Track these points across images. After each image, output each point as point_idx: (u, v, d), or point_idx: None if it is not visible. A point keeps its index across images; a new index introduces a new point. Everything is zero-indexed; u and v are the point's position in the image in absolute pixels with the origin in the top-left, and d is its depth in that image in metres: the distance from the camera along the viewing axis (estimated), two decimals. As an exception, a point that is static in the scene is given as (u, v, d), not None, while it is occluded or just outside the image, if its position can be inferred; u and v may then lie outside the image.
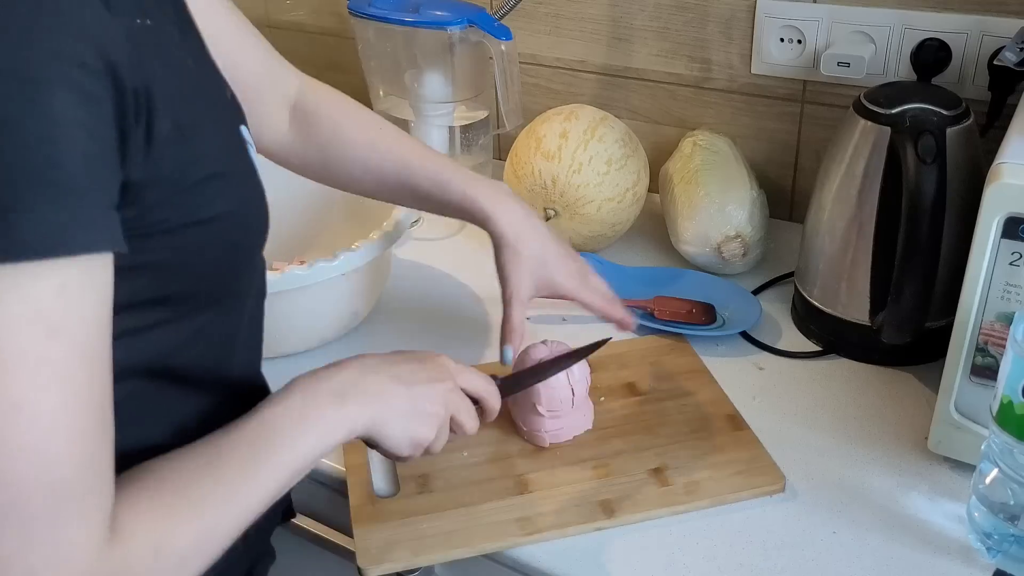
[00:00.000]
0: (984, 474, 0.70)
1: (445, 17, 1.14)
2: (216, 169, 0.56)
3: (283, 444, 0.58)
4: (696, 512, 0.76)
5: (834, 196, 0.91)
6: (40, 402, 0.45)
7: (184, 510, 0.53)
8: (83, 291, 0.46)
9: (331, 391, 0.62)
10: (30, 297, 0.44)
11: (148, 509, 0.51)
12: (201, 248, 0.56)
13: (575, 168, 1.05)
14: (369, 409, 0.63)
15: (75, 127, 0.44)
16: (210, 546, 0.54)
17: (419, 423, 0.66)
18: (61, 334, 0.45)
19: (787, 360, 0.95)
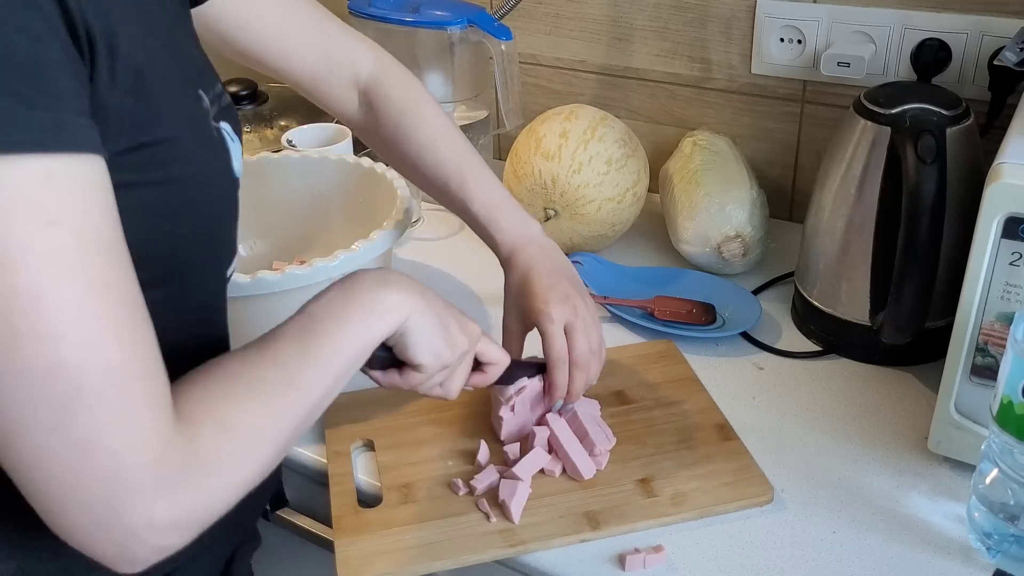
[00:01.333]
0: (984, 474, 0.70)
1: (445, 17, 1.14)
2: (171, 134, 0.55)
3: (334, 329, 0.59)
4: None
5: (834, 196, 0.91)
6: (61, 290, 0.45)
7: (247, 394, 0.54)
8: (74, 182, 0.46)
9: (372, 279, 0.63)
10: (16, 187, 0.44)
11: (211, 394, 0.53)
12: (154, 212, 0.55)
13: (575, 168, 1.05)
14: (408, 300, 0.64)
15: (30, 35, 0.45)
16: (278, 430, 0.55)
17: (445, 339, 0.67)
18: (62, 223, 0.45)
19: (787, 360, 0.95)
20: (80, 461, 0.46)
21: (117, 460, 0.47)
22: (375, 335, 0.62)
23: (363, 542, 0.74)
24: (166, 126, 0.55)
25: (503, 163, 1.16)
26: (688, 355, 0.95)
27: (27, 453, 0.46)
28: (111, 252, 0.48)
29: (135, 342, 0.48)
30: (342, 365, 0.59)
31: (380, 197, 1.03)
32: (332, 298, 0.62)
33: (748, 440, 0.83)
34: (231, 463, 0.52)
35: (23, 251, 0.44)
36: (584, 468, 0.78)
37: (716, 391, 0.89)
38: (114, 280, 0.48)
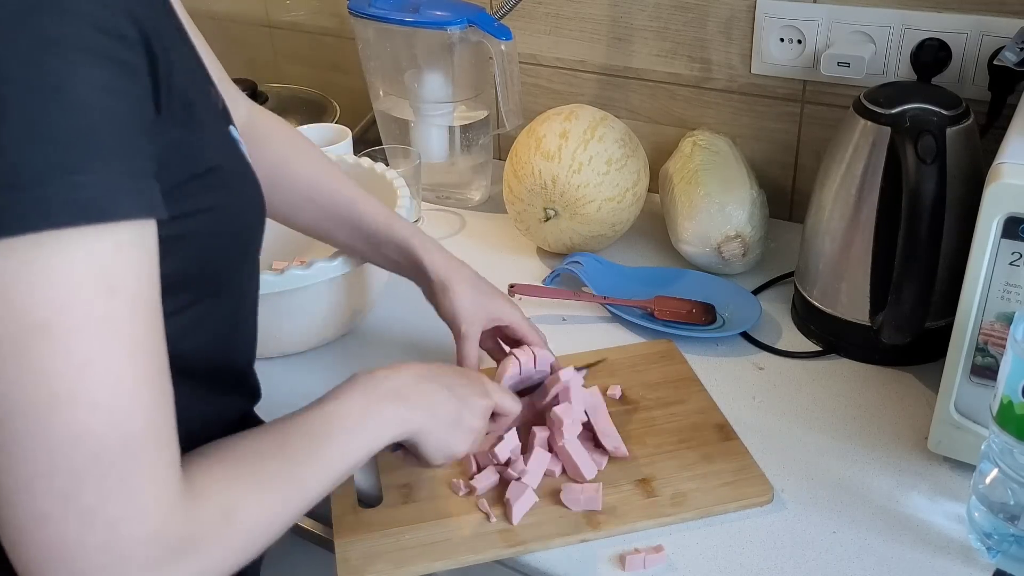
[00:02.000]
0: (984, 474, 0.70)
1: (445, 17, 1.14)
2: (216, 162, 0.57)
3: (344, 436, 0.61)
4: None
5: (834, 196, 0.91)
6: (108, 358, 0.46)
7: (254, 482, 0.55)
8: (136, 249, 0.47)
9: (391, 391, 0.66)
10: (94, 257, 0.45)
11: (221, 475, 0.53)
12: (198, 237, 0.56)
13: (575, 168, 1.05)
14: (422, 413, 0.67)
15: (117, 96, 0.46)
16: (275, 523, 0.56)
17: (460, 436, 0.70)
18: (120, 292, 0.46)
19: (787, 360, 0.95)
20: (79, 529, 0.46)
21: (115, 532, 0.46)
22: (383, 440, 0.65)
23: (363, 542, 0.74)
24: (210, 154, 0.57)
25: (503, 163, 1.16)
26: (688, 355, 0.95)
27: (29, 516, 0.45)
28: (153, 316, 0.49)
29: (158, 411, 0.49)
30: (346, 468, 0.62)
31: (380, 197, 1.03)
32: (352, 402, 0.63)
33: (748, 440, 0.83)
34: (223, 549, 0.52)
35: (86, 318, 0.45)
36: (585, 468, 0.78)
37: (716, 391, 0.89)
38: (151, 346, 0.49)
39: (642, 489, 0.77)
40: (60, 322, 0.44)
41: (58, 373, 0.44)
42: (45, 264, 0.44)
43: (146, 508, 0.47)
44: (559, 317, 1.03)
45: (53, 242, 0.44)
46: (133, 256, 0.47)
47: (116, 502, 0.46)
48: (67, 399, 0.45)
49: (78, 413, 0.45)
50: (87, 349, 0.45)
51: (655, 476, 0.79)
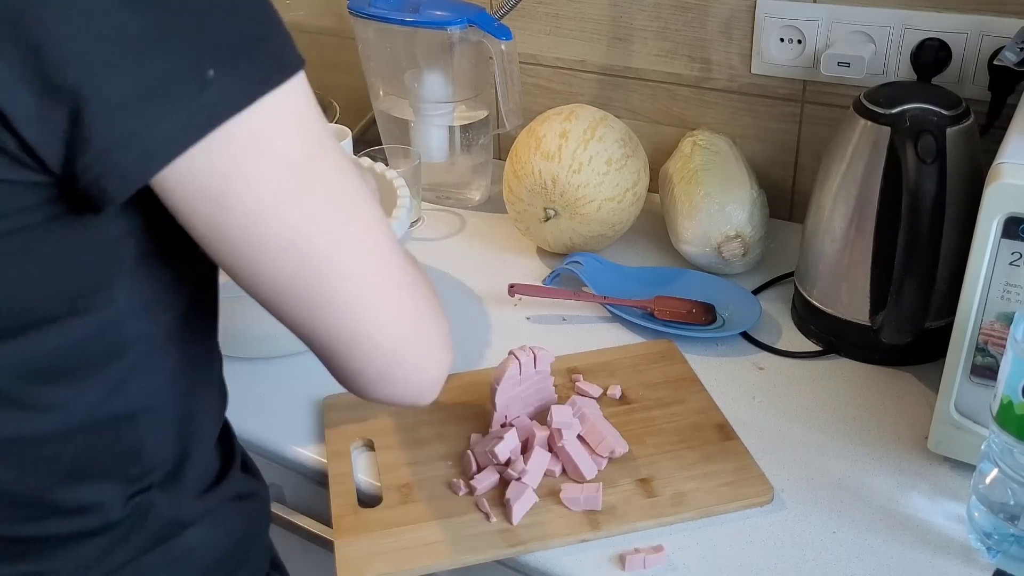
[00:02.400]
0: (984, 474, 0.70)
1: (445, 17, 1.14)
2: None
3: None
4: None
5: (834, 196, 0.91)
6: (354, 169, 0.53)
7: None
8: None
9: None
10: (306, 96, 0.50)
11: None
12: None
13: (575, 168, 1.05)
14: None
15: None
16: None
17: None
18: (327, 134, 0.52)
19: (787, 360, 0.95)
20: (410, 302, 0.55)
21: (426, 295, 0.56)
22: None
23: (363, 542, 0.74)
24: None
25: (503, 163, 1.16)
26: (688, 355, 0.95)
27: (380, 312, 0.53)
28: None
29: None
30: None
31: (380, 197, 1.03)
32: None
33: (748, 440, 0.83)
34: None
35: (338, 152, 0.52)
36: (585, 468, 0.78)
37: (716, 391, 0.89)
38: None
39: (642, 489, 0.77)
40: (319, 154, 0.50)
41: (336, 194, 0.51)
42: (290, 110, 0.48)
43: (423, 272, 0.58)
44: (559, 317, 1.03)
45: (292, 87, 0.48)
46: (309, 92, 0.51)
47: (412, 269, 0.56)
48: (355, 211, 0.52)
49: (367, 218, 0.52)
50: (341, 171, 0.51)
51: (655, 476, 0.79)
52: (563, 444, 0.79)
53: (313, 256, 0.49)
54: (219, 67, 0.44)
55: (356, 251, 0.51)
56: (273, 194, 0.47)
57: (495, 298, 1.06)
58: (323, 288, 0.50)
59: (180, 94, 0.44)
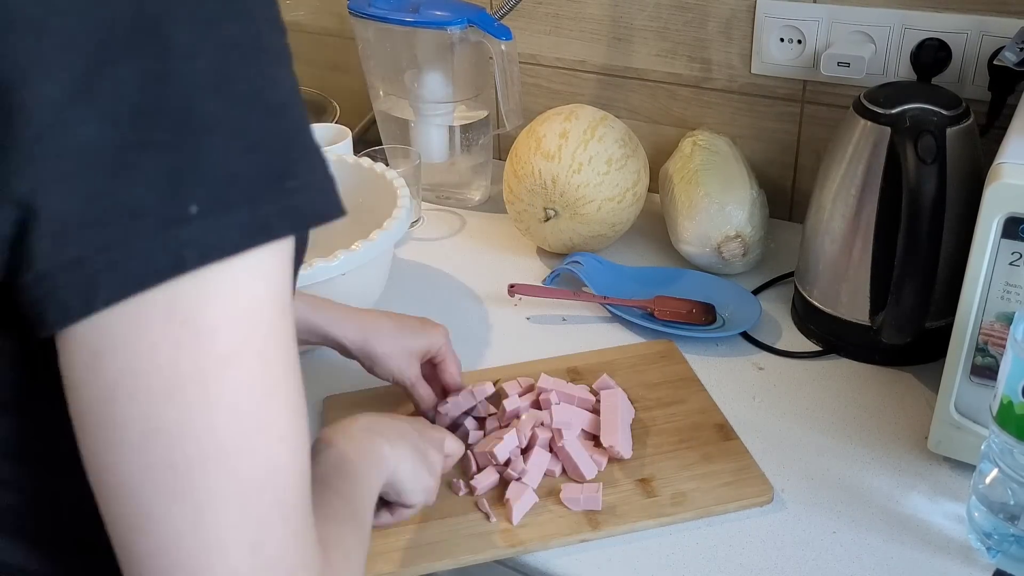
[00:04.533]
0: (984, 474, 0.70)
1: (445, 17, 1.14)
2: None
3: (361, 474, 0.59)
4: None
5: (834, 196, 0.91)
6: (288, 384, 0.42)
7: (348, 523, 0.53)
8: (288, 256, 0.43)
9: (364, 429, 0.64)
10: (275, 274, 0.41)
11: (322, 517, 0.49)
12: None
13: (575, 168, 1.05)
14: (395, 450, 0.64)
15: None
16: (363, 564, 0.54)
17: (428, 471, 0.67)
18: (288, 309, 0.42)
19: (787, 360, 0.95)
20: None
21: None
22: (380, 481, 0.62)
23: None
24: None
25: (503, 163, 1.16)
26: (688, 355, 0.95)
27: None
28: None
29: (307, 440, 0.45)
30: (371, 509, 0.59)
31: (380, 197, 1.03)
32: (342, 449, 0.60)
33: (748, 440, 0.83)
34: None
35: (269, 343, 0.41)
36: (585, 468, 0.78)
37: (716, 391, 0.89)
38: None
39: (642, 489, 0.77)
40: (247, 350, 0.39)
41: (244, 412, 0.40)
42: (232, 288, 0.39)
43: (313, 553, 0.43)
44: (559, 317, 1.03)
45: (274, 252, 0.39)
46: (288, 265, 0.41)
47: (295, 550, 0.42)
48: (258, 435, 0.40)
49: (270, 449, 0.40)
50: (269, 387, 0.41)
51: (655, 476, 0.79)
52: (563, 444, 0.79)
53: (171, 468, 0.39)
54: (205, 203, 0.37)
55: (232, 493, 0.39)
56: (166, 375, 0.38)
57: (495, 298, 1.06)
58: (166, 509, 0.39)
59: (146, 227, 0.36)
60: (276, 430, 0.41)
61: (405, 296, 1.08)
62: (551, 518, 0.75)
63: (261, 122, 0.39)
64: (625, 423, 0.83)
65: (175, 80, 0.37)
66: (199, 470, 0.39)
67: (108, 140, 0.36)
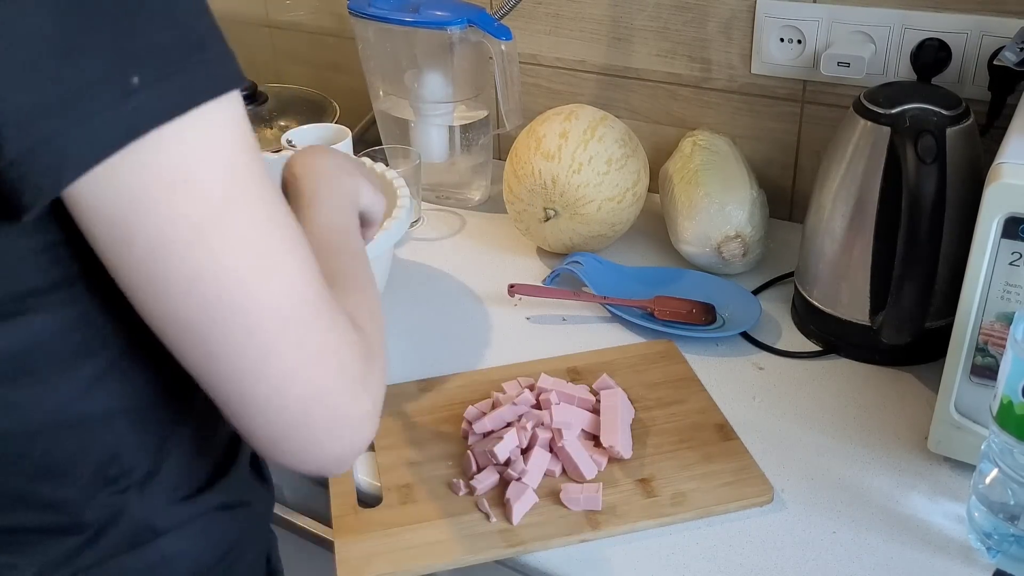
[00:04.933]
0: (984, 474, 0.70)
1: (445, 17, 1.14)
2: None
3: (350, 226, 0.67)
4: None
5: (834, 196, 0.91)
6: (284, 209, 0.49)
7: (357, 286, 0.61)
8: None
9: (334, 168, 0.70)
10: (241, 121, 0.47)
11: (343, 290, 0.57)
12: None
13: (575, 168, 1.05)
14: (357, 177, 0.71)
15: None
16: (379, 312, 0.62)
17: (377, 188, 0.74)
18: (256, 152, 0.48)
19: (787, 360, 0.95)
20: (318, 368, 0.49)
21: (340, 359, 0.50)
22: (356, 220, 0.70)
23: (363, 542, 0.74)
24: None
25: (503, 163, 1.16)
26: (688, 355, 0.95)
27: (271, 378, 0.48)
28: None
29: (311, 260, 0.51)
30: (363, 251, 0.67)
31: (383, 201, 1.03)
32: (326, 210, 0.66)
33: (748, 440, 0.83)
34: (381, 344, 0.57)
35: (255, 185, 0.47)
36: (585, 468, 0.78)
37: (716, 391, 0.89)
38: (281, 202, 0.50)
39: (642, 489, 0.77)
40: (238, 189, 0.46)
41: (253, 241, 0.46)
42: (202, 141, 0.44)
43: (346, 328, 0.51)
44: (559, 317, 1.03)
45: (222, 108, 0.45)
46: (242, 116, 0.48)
47: (333, 334, 0.50)
48: (274, 255, 0.47)
49: (286, 264, 0.48)
50: (275, 205, 0.48)
51: (655, 476, 0.79)
52: (563, 444, 0.79)
53: (217, 305, 0.46)
54: (145, 74, 0.42)
55: (268, 308, 0.47)
56: (182, 229, 0.44)
57: (495, 298, 1.06)
58: (223, 339, 0.47)
59: (98, 101, 0.41)
60: (286, 246, 0.48)
61: (405, 296, 1.08)
62: (551, 518, 0.75)
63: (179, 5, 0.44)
64: (625, 423, 0.83)
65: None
66: (240, 296, 0.46)
67: (52, 29, 0.40)
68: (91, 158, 0.41)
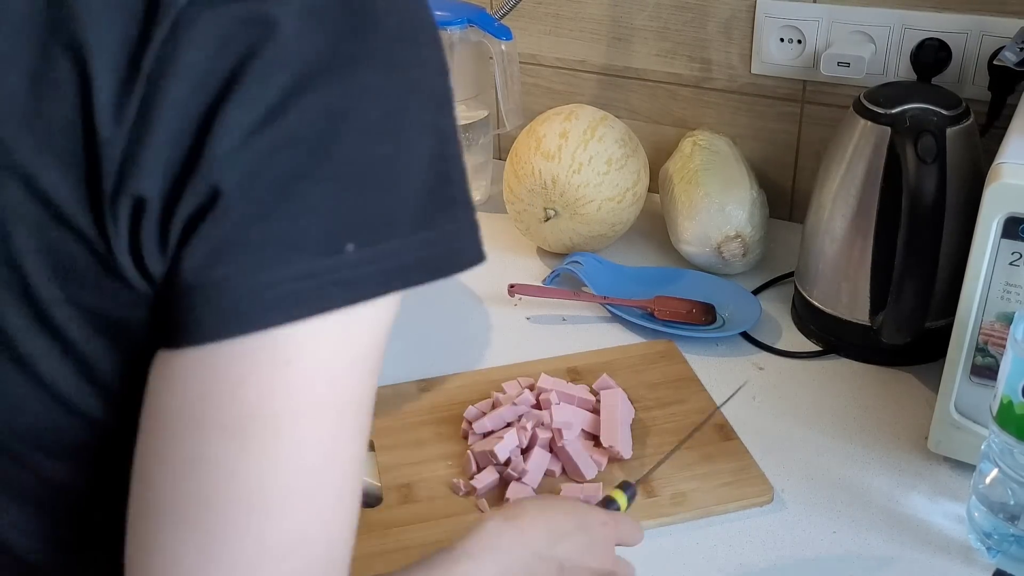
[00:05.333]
0: (984, 474, 0.70)
1: (445, 17, 1.14)
2: None
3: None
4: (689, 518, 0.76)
5: (834, 196, 0.91)
6: (355, 450, 0.41)
7: None
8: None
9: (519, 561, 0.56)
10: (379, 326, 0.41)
11: None
12: None
13: (575, 168, 1.05)
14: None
15: None
16: None
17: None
18: (374, 373, 0.42)
19: (787, 360, 0.95)
20: None
21: None
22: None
23: (363, 542, 0.74)
24: None
25: (503, 163, 1.16)
26: (688, 355, 0.95)
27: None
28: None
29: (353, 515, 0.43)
30: None
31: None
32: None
33: (748, 440, 0.83)
34: None
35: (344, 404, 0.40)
36: (585, 468, 0.78)
37: (716, 391, 0.89)
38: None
39: (642, 489, 0.77)
40: (329, 404, 0.38)
41: (308, 462, 0.38)
42: (344, 335, 0.38)
43: None
44: (559, 317, 1.03)
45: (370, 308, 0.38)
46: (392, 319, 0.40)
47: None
48: (305, 495, 0.38)
49: (310, 512, 0.39)
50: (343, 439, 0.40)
51: (655, 476, 0.79)
52: (563, 444, 0.79)
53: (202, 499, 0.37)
54: (363, 241, 0.37)
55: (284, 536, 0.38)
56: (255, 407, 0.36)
57: (495, 298, 1.06)
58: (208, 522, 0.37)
59: (300, 258, 0.36)
60: (324, 496, 0.39)
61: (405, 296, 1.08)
62: None
63: (423, 168, 0.38)
64: (625, 423, 0.83)
65: (356, 119, 0.37)
66: (230, 510, 0.37)
67: (285, 166, 0.35)
68: (267, 321, 0.36)
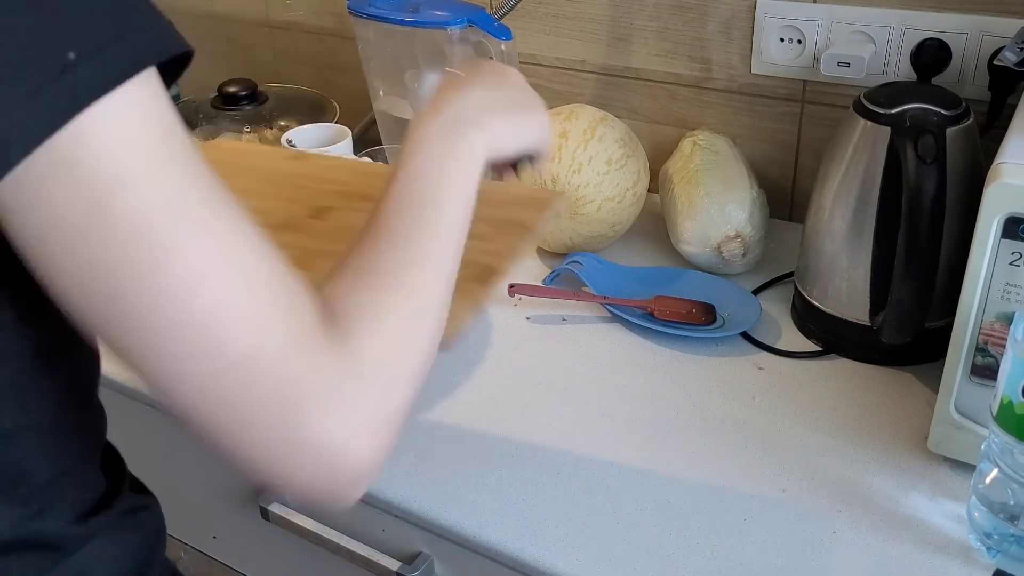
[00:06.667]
0: (984, 474, 0.70)
1: (445, 17, 1.14)
2: None
3: (436, 192, 0.58)
4: (694, 512, 0.76)
5: (834, 196, 0.91)
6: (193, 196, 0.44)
7: (384, 282, 0.52)
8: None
9: (447, 123, 0.62)
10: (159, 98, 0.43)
11: (351, 289, 0.51)
12: None
13: (575, 168, 1.05)
14: (488, 133, 0.63)
15: None
16: (424, 309, 0.53)
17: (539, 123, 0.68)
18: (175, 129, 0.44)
19: (787, 360, 0.95)
20: (245, 381, 0.44)
21: (275, 375, 0.44)
22: (476, 181, 0.60)
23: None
24: None
25: (503, 163, 1.16)
26: (688, 355, 0.95)
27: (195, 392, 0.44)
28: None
29: (255, 242, 0.46)
30: (458, 226, 0.58)
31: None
32: (424, 156, 0.59)
33: (748, 440, 0.83)
34: (392, 354, 0.50)
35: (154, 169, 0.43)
36: None
37: (716, 391, 0.89)
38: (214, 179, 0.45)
39: None
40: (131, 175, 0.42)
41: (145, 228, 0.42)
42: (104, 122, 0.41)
43: (292, 344, 0.45)
44: (559, 317, 1.03)
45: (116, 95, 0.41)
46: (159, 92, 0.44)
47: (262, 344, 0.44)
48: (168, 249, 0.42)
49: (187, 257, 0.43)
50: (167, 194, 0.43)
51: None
52: None
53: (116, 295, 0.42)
54: (81, 49, 0.40)
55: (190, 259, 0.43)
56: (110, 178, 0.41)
57: (495, 298, 1.06)
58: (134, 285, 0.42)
59: (37, 79, 0.39)
60: (187, 240, 0.43)
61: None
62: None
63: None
64: None
65: None
66: (132, 294, 0.42)
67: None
68: (34, 140, 0.39)
